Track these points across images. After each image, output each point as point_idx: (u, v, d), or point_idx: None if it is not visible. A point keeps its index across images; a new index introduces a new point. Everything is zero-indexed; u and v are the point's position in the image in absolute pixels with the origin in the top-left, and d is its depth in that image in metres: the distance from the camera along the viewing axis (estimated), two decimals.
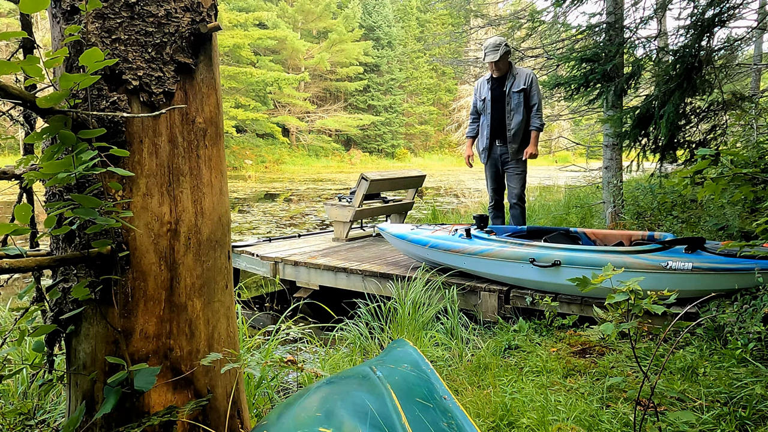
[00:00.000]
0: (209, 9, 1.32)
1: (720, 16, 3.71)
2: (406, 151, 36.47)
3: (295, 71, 31.57)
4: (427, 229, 4.15)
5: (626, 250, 3.11)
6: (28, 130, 1.31)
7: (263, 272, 4.82)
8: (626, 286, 1.53)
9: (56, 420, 1.89)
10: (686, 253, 2.99)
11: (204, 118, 1.33)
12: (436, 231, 4.07)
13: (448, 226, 4.20)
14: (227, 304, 1.43)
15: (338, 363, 2.69)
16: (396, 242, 4.23)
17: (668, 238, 3.33)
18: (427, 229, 4.18)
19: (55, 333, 1.27)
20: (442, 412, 1.22)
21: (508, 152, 4.44)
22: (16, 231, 1.05)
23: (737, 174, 2.03)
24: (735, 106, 4.13)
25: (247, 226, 9.19)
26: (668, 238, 3.33)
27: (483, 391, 2.20)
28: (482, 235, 3.70)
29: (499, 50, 4.29)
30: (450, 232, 3.97)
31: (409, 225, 4.43)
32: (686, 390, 2.07)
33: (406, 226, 4.38)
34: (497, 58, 4.28)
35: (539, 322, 3.12)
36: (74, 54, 1.18)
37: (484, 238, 3.66)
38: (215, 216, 1.37)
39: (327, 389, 1.27)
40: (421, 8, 41.85)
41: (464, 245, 3.67)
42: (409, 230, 4.17)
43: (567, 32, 7.09)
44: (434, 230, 4.10)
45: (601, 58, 4.93)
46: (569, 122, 26.23)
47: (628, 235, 3.63)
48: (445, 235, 3.91)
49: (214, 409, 1.37)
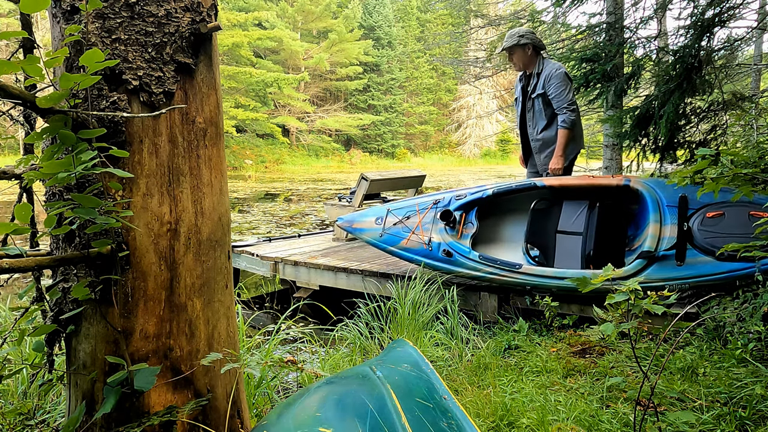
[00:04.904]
0: (209, 9, 1.32)
1: (720, 16, 3.71)
2: (406, 151, 36.46)
3: (294, 71, 31.57)
4: (397, 215, 3.73)
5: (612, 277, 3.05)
6: (28, 130, 1.31)
7: (263, 272, 4.82)
8: (626, 286, 1.53)
9: (56, 420, 1.89)
10: (677, 266, 2.83)
11: (204, 118, 1.33)
12: (408, 219, 3.68)
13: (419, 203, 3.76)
14: (227, 304, 1.43)
15: (338, 363, 2.69)
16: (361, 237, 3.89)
17: (647, 186, 3.14)
18: (398, 213, 3.74)
19: (55, 333, 1.27)
20: (442, 412, 1.22)
21: (537, 169, 3.89)
22: (16, 231, 1.05)
23: (737, 174, 2.03)
24: (735, 106, 4.13)
25: (247, 226, 9.19)
26: (647, 186, 3.14)
27: (483, 391, 2.20)
28: (467, 256, 3.41)
29: (511, 40, 3.76)
30: (420, 223, 3.62)
31: (374, 212, 3.90)
32: (686, 390, 2.07)
33: (370, 217, 3.88)
34: (506, 48, 3.78)
35: (539, 322, 3.12)
36: (74, 54, 1.18)
37: (468, 259, 3.40)
38: (215, 216, 1.37)
39: (327, 389, 1.27)
40: (421, 8, 41.85)
41: (445, 265, 3.47)
42: (374, 222, 3.78)
43: (567, 32, 7.09)
44: (406, 217, 3.69)
45: (601, 58, 4.93)
46: None
47: (591, 184, 3.40)
48: (420, 247, 3.58)
49: (214, 409, 1.37)
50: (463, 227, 3.58)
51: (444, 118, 40.58)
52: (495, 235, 4.01)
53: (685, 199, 2.97)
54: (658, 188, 3.15)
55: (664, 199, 3.07)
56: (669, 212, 3.01)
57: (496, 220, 4.02)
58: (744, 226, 2.78)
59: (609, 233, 3.33)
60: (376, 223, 3.80)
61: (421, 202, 3.76)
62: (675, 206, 3.01)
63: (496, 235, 4.01)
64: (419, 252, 3.58)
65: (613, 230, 3.37)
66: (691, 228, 2.91)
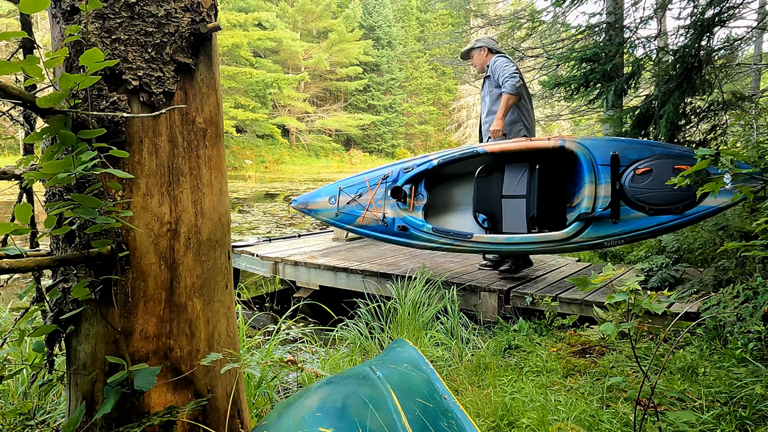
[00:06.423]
0: (209, 9, 1.32)
1: (720, 16, 3.71)
2: (406, 151, 36.46)
3: (294, 71, 31.58)
4: (349, 194, 3.83)
5: (553, 239, 3.25)
6: (28, 130, 1.30)
7: (263, 272, 4.82)
8: (626, 286, 1.53)
9: (56, 420, 1.89)
10: (613, 224, 3.09)
11: (204, 118, 1.33)
12: (360, 197, 3.78)
13: (369, 178, 3.85)
14: (227, 304, 1.42)
15: (338, 363, 2.69)
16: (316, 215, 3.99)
17: (581, 146, 3.28)
18: (349, 191, 3.84)
19: (55, 333, 1.27)
20: (442, 412, 1.22)
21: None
22: (16, 231, 1.05)
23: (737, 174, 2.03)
24: (735, 106, 4.13)
25: (247, 226, 9.19)
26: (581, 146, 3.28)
27: (483, 391, 2.20)
28: (421, 229, 3.58)
29: (469, 45, 4.08)
30: (373, 199, 3.72)
31: (327, 191, 3.97)
32: (686, 390, 2.07)
33: (323, 197, 3.96)
34: (463, 53, 4.10)
35: (539, 322, 3.12)
36: (74, 54, 1.18)
37: (423, 232, 3.58)
38: (215, 216, 1.37)
39: (327, 389, 1.27)
40: (421, 8, 41.84)
41: (402, 239, 3.66)
42: (328, 202, 3.88)
43: (567, 32, 7.10)
44: (359, 195, 3.80)
45: (601, 58, 4.93)
46: (569, 122, 26.19)
47: (529, 147, 3.49)
48: (375, 223, 3.71)
49: (214, 409, 1.37)
50: (414, 200, 3.71)
51: (444, 118, 40.58)
52: (448, 200, 4.14)
53: (617, 158, 3.15)
54: (591, 148, 3.28)
55: (598, 158, 3.22)
56: (602, 171, 3.18)
57: (447, 186, 4.15)
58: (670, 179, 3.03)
59: (550, 193, 3.52)
60: (330, 203, 3.91)
61: (371, 177, 3.85)
62: (608, 165, 3.17)
63: (448, 200, 4.15)
64: (376, 228, 3.73)
65: (554, 190, 3.55)
66: (623, 185, 3.11)
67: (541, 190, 3.46)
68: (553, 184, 3.52)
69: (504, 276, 3.86)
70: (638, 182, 3.07)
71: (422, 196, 3.70)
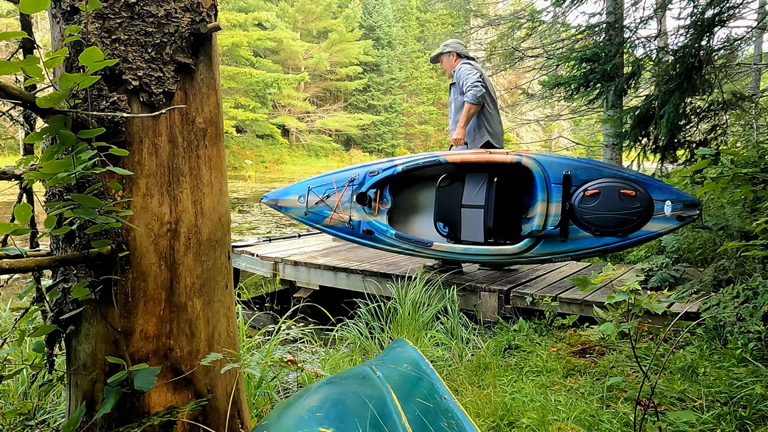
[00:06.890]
0: (209, 9, 1.32)
1: (720, 15, 3.71)
2: (406, 151, 36.44)
3: (294, 71, 31.59)
4: (317, 194, 3.92)
5: (507, 252, 3.45)
6: (28, 130, 1.30)
7: (263, 272, 4.82)
8: (626, 286, 1.53)
9: (56, 420, 1.89)
10: (561, 242, 3.25)
11: (204, 118, 1.33)
12: (328, 198, 3.87)
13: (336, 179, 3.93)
14: (227, 304, 1.43)
15: (338, 363, 2.69)
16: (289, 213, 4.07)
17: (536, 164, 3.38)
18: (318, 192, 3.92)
19: (55, 333, 1.27)
20: (442, 412, 1.22)
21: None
22: (16, 231, 1.05)
23: (737, 174, 2.04)
24: (735, 106, 4.13)
25: (247, 226, 9.19)
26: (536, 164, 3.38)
27: (483, 391, 2.20)
28: (385, 234, 3.72)
29: (438, 50, 4.08)
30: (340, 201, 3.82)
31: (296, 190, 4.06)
32: (686, 390, 2.07)
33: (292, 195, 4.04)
34: (432, 57, 4.13)
35: (539, 322, 3.12)
36: (74, 54, 1.18)
37: (387, 236, 3.72)
38: (215, 216, 1.37)
39: (327, 389, 1.27)
40: (421, 8, 41.81)
41: (367, 242, 3.80)
42: (297, 201, 3.98)
43: (567, 32, 7.09)
44: (326, 196, 3.89)
45: (601, 58, 4.93)
46: (569, 122, 26.20)
47: (489, 160, 3.59)
48: (342, 225, 3.84)
49: (214, 409, 1.37)
50: (379, 204, 3.81)
51: (444, 118, 40.49)
52: (413, 203, 4.25)
53: (569, 177, 3.29)
54: (546, 166, 3.39)
55: (551, 176, 3.34)
56: (555, 190, 3.32)
57: (413, 190, 4.25)
58: (616, 203, 3.18)
59: (507, 205, 3.65)
60: (299, 202, 4.02)
61: (338, 179, 3.94)
62: (561, 184, 3.31)
63: (414, 203, 4.25)
64: (342, 230, 3.86)
65: (511, 202, 3.68)
66: (573, 205, 3.27)
67: (498, 201, 3.60)
68: (510, 197, 3.66)
69: (429, 269, 3.95)
70: (587, 203, 3.24)
71: (387, 200, 3.83)
